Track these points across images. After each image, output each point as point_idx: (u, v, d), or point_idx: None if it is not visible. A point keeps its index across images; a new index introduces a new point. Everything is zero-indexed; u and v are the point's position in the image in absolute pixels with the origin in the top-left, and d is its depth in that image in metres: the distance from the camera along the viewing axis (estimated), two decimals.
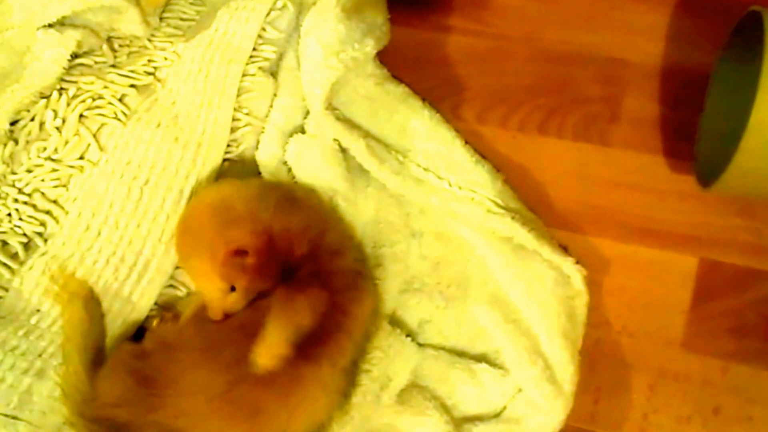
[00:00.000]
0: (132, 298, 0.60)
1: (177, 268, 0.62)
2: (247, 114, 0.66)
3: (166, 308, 0.62)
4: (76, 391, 0.55)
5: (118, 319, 0.60)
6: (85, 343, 0.57)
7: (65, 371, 0.56)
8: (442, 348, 0.63)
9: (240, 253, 0.54)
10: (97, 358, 0.57)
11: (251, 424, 0.53)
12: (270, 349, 0.50)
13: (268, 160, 0.64)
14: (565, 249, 0.64)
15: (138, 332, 0.61)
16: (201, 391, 0.52)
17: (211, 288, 0.55)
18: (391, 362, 0.60)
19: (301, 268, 0.56)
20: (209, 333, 0.55)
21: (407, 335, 0.62)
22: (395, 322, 0.63)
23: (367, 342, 0.60)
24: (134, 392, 0.53)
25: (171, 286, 0.63)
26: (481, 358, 0.62)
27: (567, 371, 0.59)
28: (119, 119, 0.63)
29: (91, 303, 0.59)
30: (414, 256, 0.64)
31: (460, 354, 0.62)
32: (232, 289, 0.55)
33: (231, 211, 0.56)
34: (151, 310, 0.61)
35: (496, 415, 0.61)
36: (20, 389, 0.55)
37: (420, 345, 0.63)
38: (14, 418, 0.55)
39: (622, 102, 0.66)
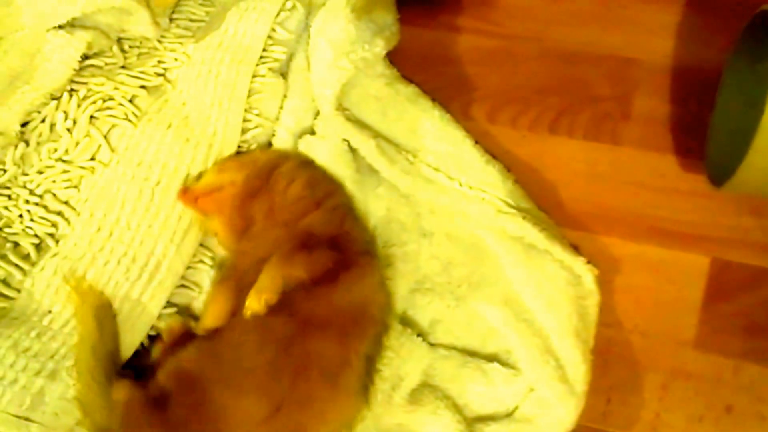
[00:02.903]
0: (143, 299, 0.60)
1: (188, 268, 0.62)
2: (257, 115, 0.66)
3: (179, 309, 0.62)
4: (94, 404, 0.55)
5: (129, 319, 0.60)
6: (99, 354, 0.56)
7: (81, 387, 0.56)
8: (454, 348, 0.63)
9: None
10: (112, 365, 0.57)
11: None
12: (259, 293, 0.52)
13: None
14: (576, 248, 0.63)
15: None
16: (243, 423, 0.52)
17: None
18: (402, 362, 0.60)
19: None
20: (236, 358, 0.54)
21: (418, 335, 0.62)
22: (406, 321, 0.63)
23: (384, 335, 0.60)
24: None
25: (182, 286, 0.63)
26: (492, 358, 0.62)
27: (579, 371, 0.59)
28: (130, 120, 0.63)
29: (104, 311, 0.58)
30: (424, 256, 0.64)
31: (472, 354, 0.62)
32: None
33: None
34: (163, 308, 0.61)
35: (508, 415, 0.61)
36: (33, 390, 0.55)
37: (431, 345, 0.63)
38: (27, 419, 0.54)
39: (633, 101, 0.66)
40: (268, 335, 0.54)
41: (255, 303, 0.52)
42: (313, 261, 0.55)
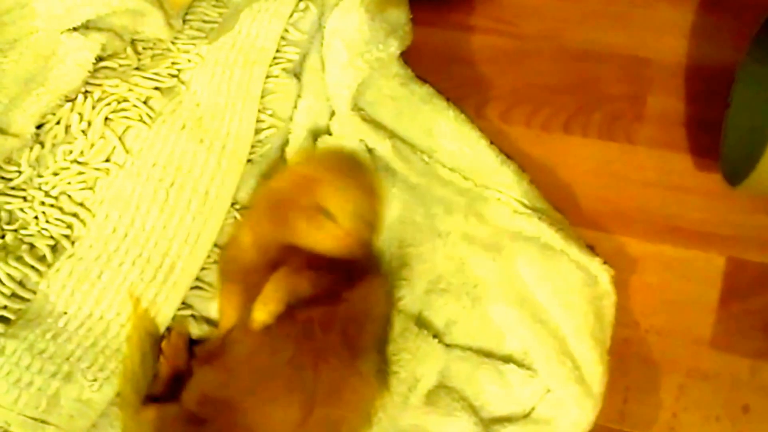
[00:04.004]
0: (157, 300, 0.60)
1: (203, 269, 0.62)
2: (271, 115, 0.66)
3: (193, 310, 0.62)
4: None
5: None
6: (141, 379, 0.57)
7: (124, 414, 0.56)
8: (469, 348, 0.63)
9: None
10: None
11: None
12: (265, 304, 0.52)
13: None
14: (592, 249, 0.63)
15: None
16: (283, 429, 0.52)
17: None
18: (418, 363, 0.60)
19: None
20: (256, 368, 0.53)
21: (434, 336, 0.62)
22: (422, 323, 0.63)
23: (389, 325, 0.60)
24: None
25: (197, 287, 0.62)
26: (508, 359, 0.62)
27: (596, 371, 0.59)
28: (144, 121, 0.63)
29: (152, 339, 0.59)
30: (440, 256, 0.64)
31: (488, 354, 0.62)
32: None
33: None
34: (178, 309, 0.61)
35: (525, 416, 0.60)
36: (48, 393, 0.55)
37: (447, 345, 0.62)
38: (43, 421, 0.54)
39: (647, 100, 0.65)
40: (281, 337, 0.53)
41: (262, 314, 0.52)
42: (319, 280, 0.55)
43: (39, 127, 0.62)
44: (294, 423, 0.52)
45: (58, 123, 0.63)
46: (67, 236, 0.61)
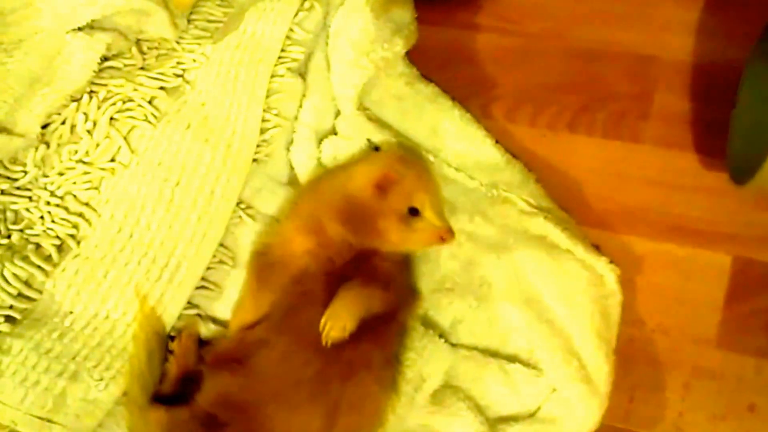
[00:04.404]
0: (163, 300, 0.60)
1: (208, 268, 0.62)
2: (276, 115, 0.66)
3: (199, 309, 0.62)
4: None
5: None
6: (148, 378, 0.58)
7: (130, 414, 0.57)
8: (475, 348, 0.62)
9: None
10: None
11: None
12: (340, 321, 0.51)
13: (307, 160, 0.65)
14: (597, 248, 0.63)
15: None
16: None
17: None
18: (424, 363, 0.60)
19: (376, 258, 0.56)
20: (283, 374, 0.53)
21: (440, 335, 0.62)
22: (428, 322, 0.63)
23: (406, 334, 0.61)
24: None
25: (202, 287, 0.63)
26: (514, 358, 0.62)
27: (602, 371, 0.59)
28: (149, 121, 0.63)
29: (159, 339, 0.59)
30: (445, 256, 0.64)
31: (493, 354, 0.62)
32: None
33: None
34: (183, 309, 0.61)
35: (531, 415, 0.60)
36: (55, 392, 0.55)
37: (453, 345, 0.62)
38: (49, 421, 0.55)
39: (653, 99, 0.65)
40: (314, 347, 0.53)
41: (336, 331, 0.51)
42: (387, 297, 0.55)
43: (44, 127, 0.62)
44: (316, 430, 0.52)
45: (63, 123, 0.63)
46: (72, 236, 0.61)
